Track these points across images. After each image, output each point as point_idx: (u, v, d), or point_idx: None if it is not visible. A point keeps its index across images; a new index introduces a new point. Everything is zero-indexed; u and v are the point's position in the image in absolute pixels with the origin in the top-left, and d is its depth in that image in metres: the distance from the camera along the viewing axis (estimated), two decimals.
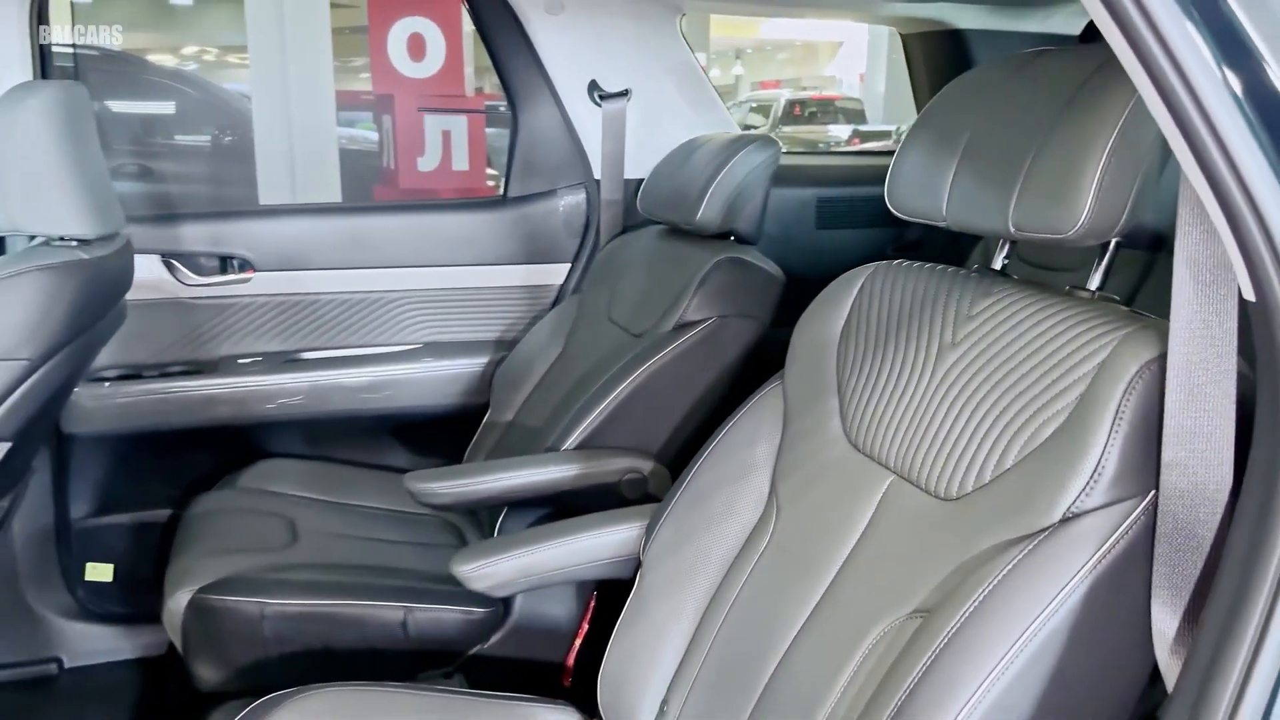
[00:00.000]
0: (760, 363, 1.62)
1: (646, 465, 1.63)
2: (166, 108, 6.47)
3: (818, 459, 1.18)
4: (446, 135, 4.31)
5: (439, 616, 1.57)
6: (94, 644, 2.04)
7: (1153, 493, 0.81)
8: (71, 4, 2.10)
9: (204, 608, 1.52)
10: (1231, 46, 0.67)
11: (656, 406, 1.67)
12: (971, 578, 0.86)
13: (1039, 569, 0.82)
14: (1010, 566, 0.84)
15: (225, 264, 2.09)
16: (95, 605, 2.06)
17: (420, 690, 1.30)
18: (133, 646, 2.05)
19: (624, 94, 2.14)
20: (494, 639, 1.63)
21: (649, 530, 1.31)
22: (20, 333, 1.39)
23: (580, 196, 2.24)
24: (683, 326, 1.70)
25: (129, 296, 1.95)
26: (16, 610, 1.99)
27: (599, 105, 2.14)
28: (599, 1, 2.11)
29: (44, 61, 1.88)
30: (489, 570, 1.33)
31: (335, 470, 2.05)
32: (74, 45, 2.12)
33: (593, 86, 2.15)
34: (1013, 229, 0.99)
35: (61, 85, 1.52)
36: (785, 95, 15.30)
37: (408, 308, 2.20)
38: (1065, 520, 0.84)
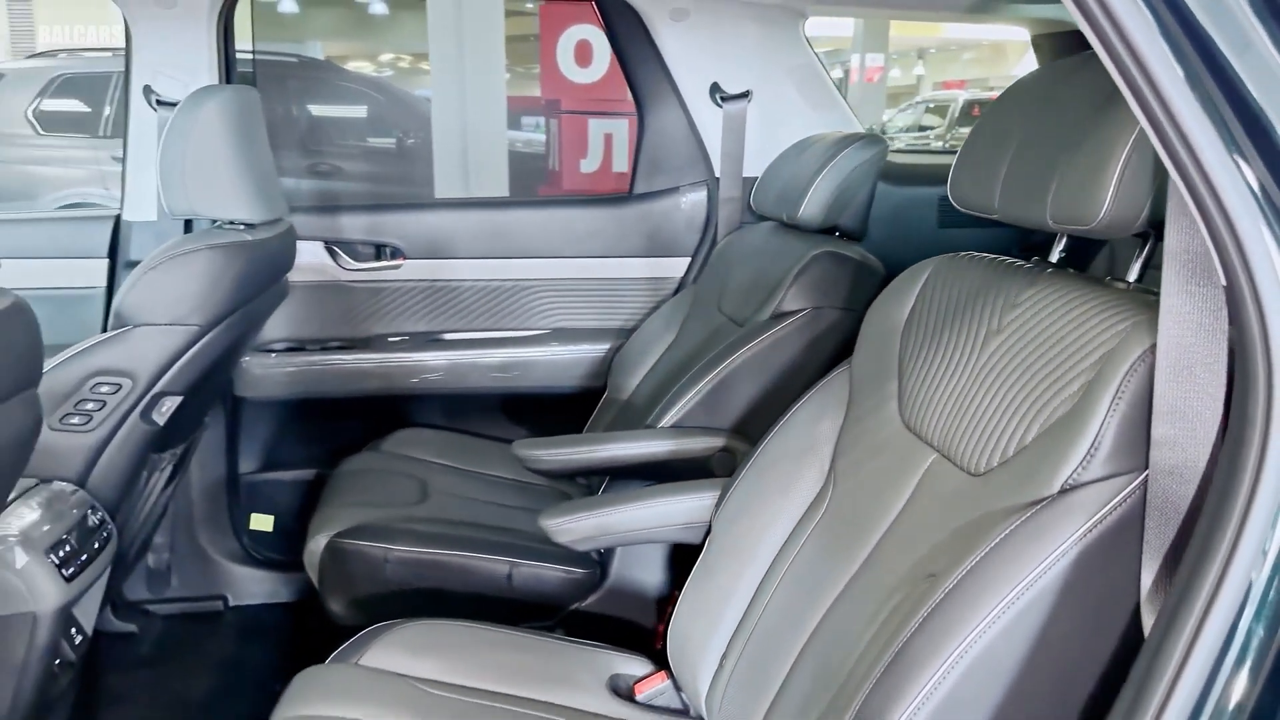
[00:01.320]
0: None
1: (736, 444, 1.73)
2: (358, 111, 6.98)
3: (874, 437, 1.25)
4: (609, 138, 4.50)
5: (540, 573, 1.72)
6: (254, 586, 2.31)
7: (1147, 469, 0.85)
8: (252, 17, 2.37)
9: (337, 550, 1.72)
10: (1196, 50, 0.71)
11: (749, 390, 1.75)
12: (973, 541, 0.93)
13: (1033, 534, 0.88)
14: (1008, 531, 0.89)
15: (379, 251, 2.32)
16: (257, 551, 2.33)
17: (508, 630, 1.44)
18: (287, 591, 2.31)
19: (744, 95, 2.24)
20: (591, 599, 1.77)
21: (720, 499, 1.41)
22: (191, 302, 1.62)
23: (701, 194, 2.35)
24: (779, 316, 1.78)
25: (296, 278, 2.22)
26: (192, 551, 2.28)
27: (720, 106, 2.25)
28: (722, 8, 2.21)
29: (229, 68, 2.15)
30: (571, 525, 1.47)
31: (466, 441, 2.24)
32: (253, 53, 2.38)
33: (714, 88, 2.26)
34: (1050, 221, 1.04)
35: (235, 89, 1.76)
36: (964, 96, 14.85)
37: (539, 295, 2.37)
38: (1063, 491, 0.89)
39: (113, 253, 2.17)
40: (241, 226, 1.74)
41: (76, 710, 1.83)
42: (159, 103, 2.05)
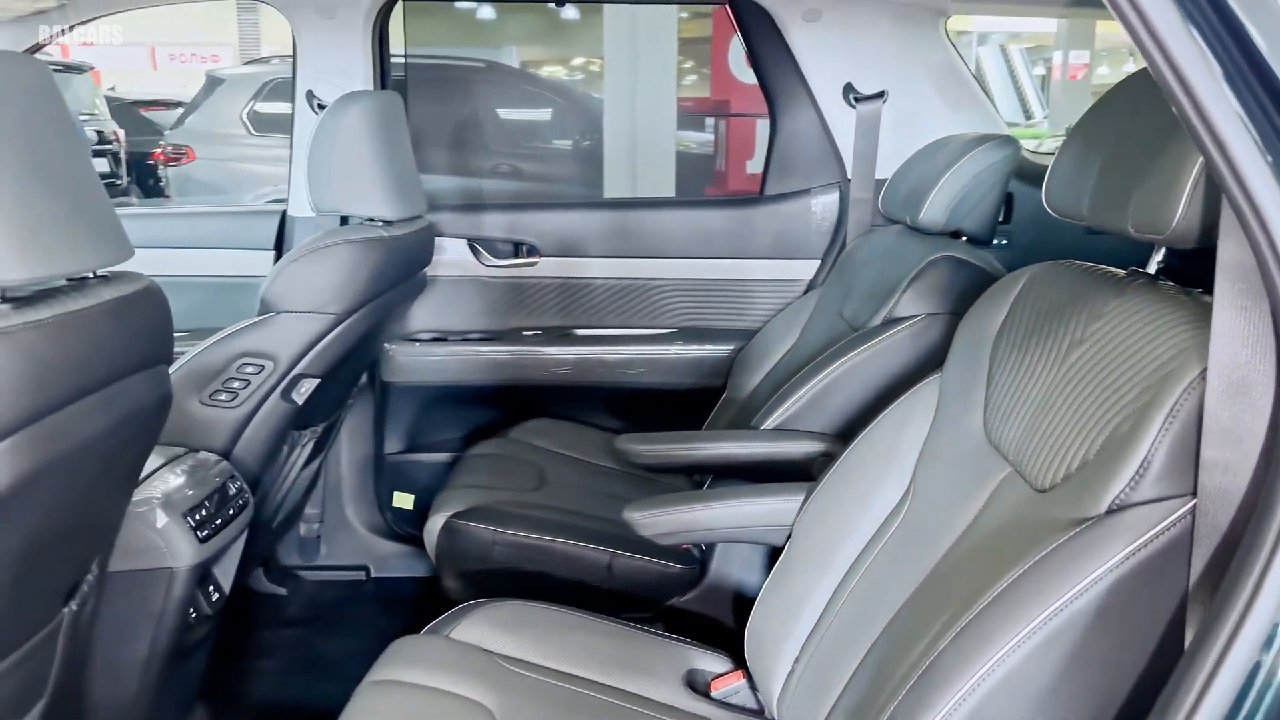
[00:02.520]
0: None
1: (838, 450, 1.70)
2: (540, 114, 7.24)
3: (955, 449, 1.22)
4: None
5: (640, 565, 1.76)
6: (394, 560, 2.46)
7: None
8: (404, 23, 2.52)
9: (453, 530, 1.82)
10: (1241, 65, 0.67)
11: (856, 395, 1.73)
12: (1018, 557, 0.90)
13: (1073, 555, 0.84)
14: (1047, 551, 0.86)
15: (517, 249, 2.43)
16: (398, 527, 2.48)
17: (594, 616, 1.49)
18: (423, 566, 2.45)
19: (879, 96, 2.20)
20: (689, 595, 1.79)
21: (803, 502, 1.40)
22: (330, 292, 1.76)
23: (833, 196, 2.33)
24: (891, 322, 1.75)
25: (441, 273, 2.35)
26: (340, 523, 2.46)
27: (853, 107, 2.22)
28: (857, 8, 2.18)
29: (383, 73, 2.30)
30: (653, 519, 1.50)
31: (588, 432, 2.31)
32: (405, 56, 2.53)
33: (848, 89, 2.23)
34: (1131, 229, 0.99)
35: (378, 95, 1.89)
36: None
37: (667, 294, 2.41)
38: (1110, 511, 0.85)
39: (279, 244, 2.37)
40: (380, 223, 1.87)
41: (223, 659, 2.02)
42: (319, 106, 2.22)
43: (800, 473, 1.73)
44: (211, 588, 1.66)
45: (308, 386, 1.79)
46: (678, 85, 6.23)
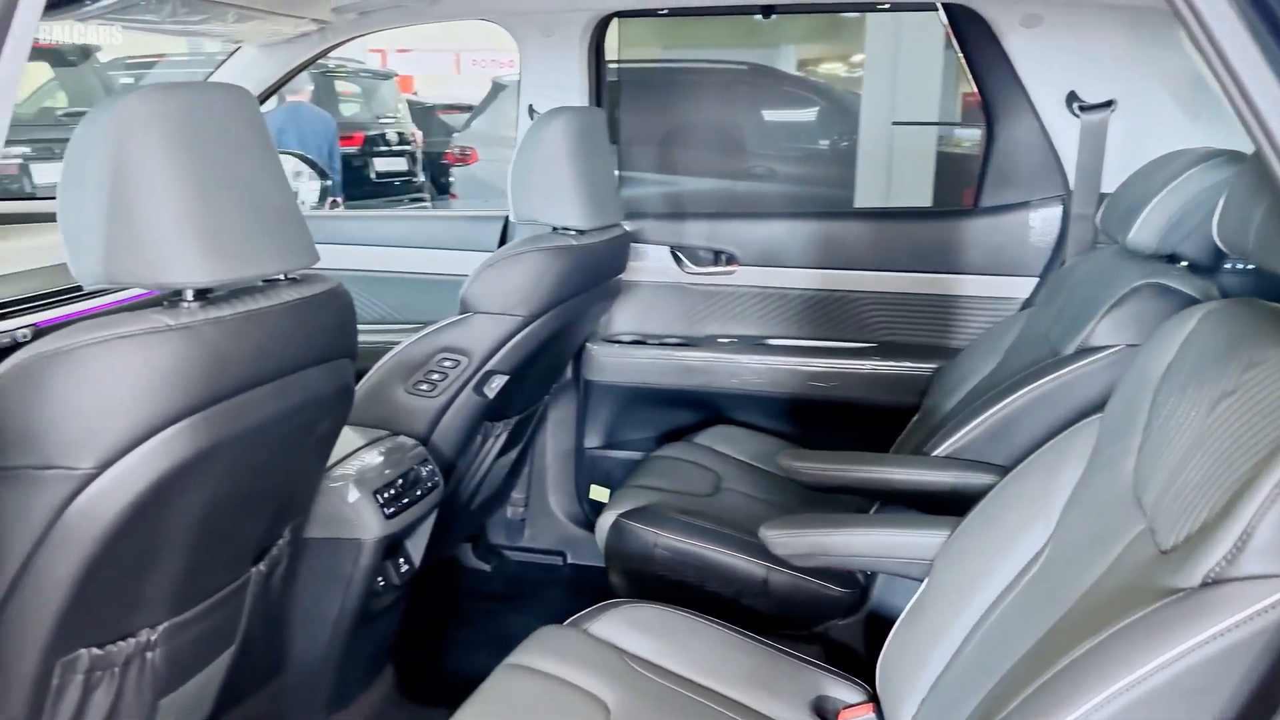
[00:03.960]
0: None
1: None
2: (801, 115, 7.20)
3: (1101, 495, 1.13)
4: None
5: (797, 584, 1.74)
6: (588, 549, 2.58)
7: None
8: (619, 37, 2.61)
9: (620, 528, 1.89)
10: None
11: (1037, 428, 1.62)
12: (1113, 623, 0.83)
13: (1153, 629, 0.77)
14: (1129, 621, 0.79)
15: (717, 257, 2.46)
16: (593, 518, 2.59)
17: (733, 629, 1.50)
18: None
19: (1107, 105, 2.03)
20: (849, 619, 1.76)
21: (947, 538, 1.35)
22: (519, 295, 1.88)
23: (1054, 210, 2.18)
24: (1084, 351, 1.62)
25: (643, 278, 2.44)
26: (542, 510, 2.61)
27: (1077, 116, 2.06)
28: (1081, 11, 2.02)
29: (598, 86, 2.41)
30: (787, 539, 1.48)
31: (772, 443, 2.30)
32: (619, 63, 2.62)
33: (1071, 97, 2.07)
34: None
35: (580, 111, 1.99)
36: None
37: (868, 308, 2.35)
38: (1204, 585, 0.77)
39: (501, 247, 2.54)
40: (572, 232, 1.97)
41: (422, 625, 2.21)
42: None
43: (966, 505, 1.65)
44: (401, 560, 1.82)
45: (498, 382, 1.93)
46: (957, 82, 5.93)
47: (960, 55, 2.21)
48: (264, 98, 2.61)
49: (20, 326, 1.56)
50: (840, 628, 1.76)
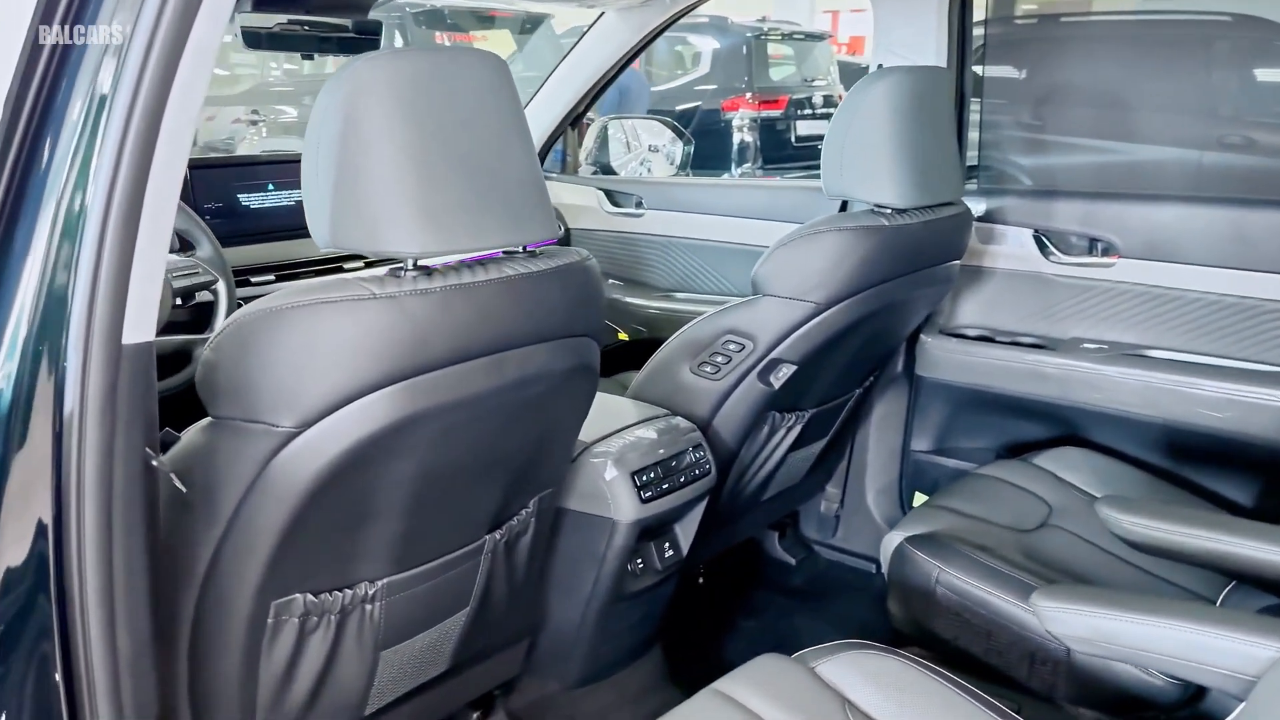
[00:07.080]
0: None
1: None
2: None
3: None
4: None
5: (1105, 663, 1.41)
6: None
7: None
8: None
9: (902, 553, 1.66)
10: None
11: None
12: None
13: None
14: None
15: (1091, 245, 2.07)
16: None
17: (999, 707, 1.24)
18: None
19: None
20: (1174, 715, 1.39)
21: None
22: (813, 280, 1.70)
23: None
24: None
25: (998, 264, 2.13)
26: (858, 509, 2.40)
27: None
28: None
29: (962, 47, 2.10)
30: (1060, 614, 1.17)
31: (1133, 476, 1.89)
32: (985, 23, 2.25)
33: None
34: None
35: (911, 72, 1.73)
36: None
37: None
38: None
39: None
40: (888, 210, 1.74)
41: (710, 608, 2.14)
42: None
43: None
44: (667, 544, 1.76)
45: (785, 371, 1.77)
46: None
47: None
48: (625, 61, 2.63)
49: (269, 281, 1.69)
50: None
